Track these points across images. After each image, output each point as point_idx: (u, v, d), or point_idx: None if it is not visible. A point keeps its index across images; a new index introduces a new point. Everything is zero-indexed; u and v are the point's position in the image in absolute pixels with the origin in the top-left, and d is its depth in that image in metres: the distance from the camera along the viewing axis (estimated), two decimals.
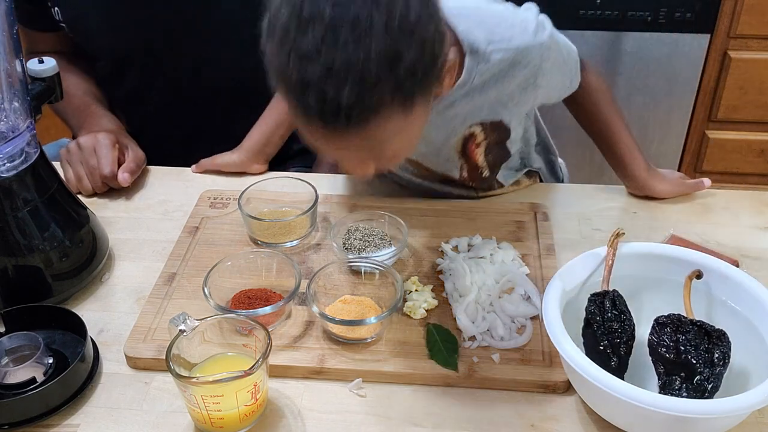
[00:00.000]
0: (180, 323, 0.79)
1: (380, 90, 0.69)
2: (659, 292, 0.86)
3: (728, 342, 0.77)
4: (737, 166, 2.20)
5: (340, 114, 0.69)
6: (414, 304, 0.92)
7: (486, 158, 1.07)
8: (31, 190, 0.92)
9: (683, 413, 0.69)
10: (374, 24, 0.67)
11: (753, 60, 2.02)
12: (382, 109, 0.71)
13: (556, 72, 0.99)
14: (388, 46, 0.68)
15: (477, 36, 0.89)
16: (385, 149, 0.78)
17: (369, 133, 0.73)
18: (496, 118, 1.00)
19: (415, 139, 0.82)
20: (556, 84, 1.04)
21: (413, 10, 0.69)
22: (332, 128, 0.72)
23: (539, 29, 0.93)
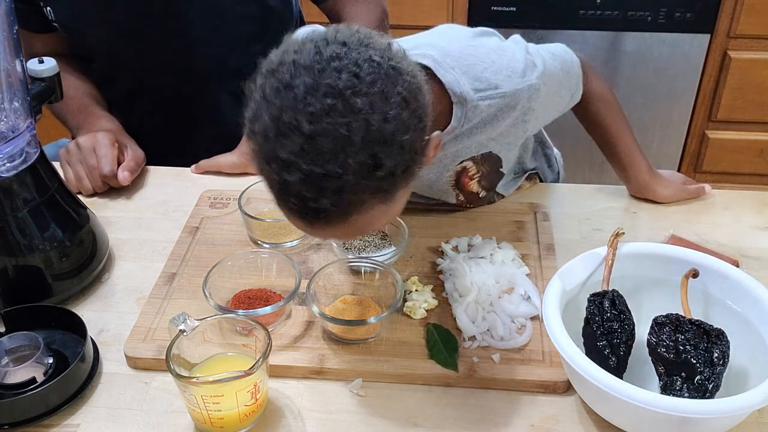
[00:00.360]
0: (180, 323, 0.79)
1: (359, 195, 0.70)
2: (659, 292, 0.86)
3: (727, 341, 0.77)
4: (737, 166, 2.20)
5: (320, 216, 0.70)
6: (414, 304, 0.92)
7: (480, 184, 1.07)
8: (31, 190, 0.92)
9: (683, 413, 0.69)
10: (352, 136, 0.66)
11: (753, 60, 2.02)
12: (360, 209, 0.71)
13: (548, 103, 0.99)
14: (366, 157, 0.67)
15: (463, 86, 0.89)
16: (368, 230, 0.79)
17: (349, 226, 0.73)
18: (485, 150, 1.00)
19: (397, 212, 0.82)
20: (551, 111, 1.04)
21: (392, 114, 0.68)
22: (311, 224, 0.73)
23: (528, 70, 0.91)
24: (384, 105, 0.68)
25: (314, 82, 0.67)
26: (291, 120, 0.67)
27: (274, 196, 0.73)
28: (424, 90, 0.74)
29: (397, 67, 0.71)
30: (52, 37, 1.31)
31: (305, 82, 0.67)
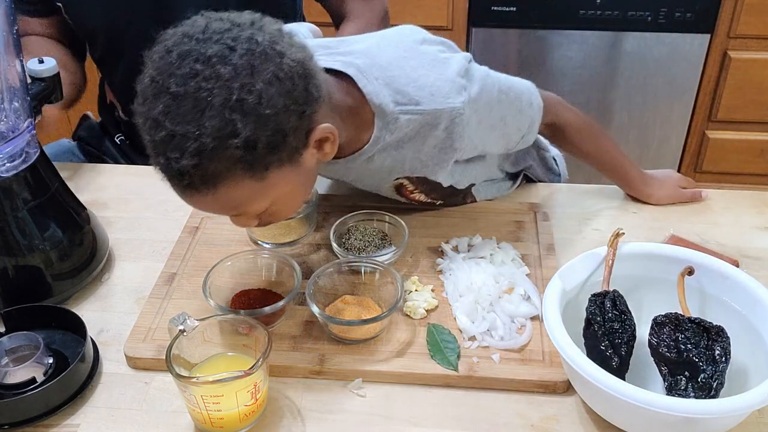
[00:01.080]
0: (180, 323, 0.79)
1: (218, 161, 0.73)
2: (659, 291, 0.86)
3: (727, 337, 0.77)
4: (737, 166, 2.20)
5: (184, 179, 0.75)
6: (414, 304, 0.92)
7: (429, 196, 1.07)
8: (31, 190, 0.92)
9: (683, 413, 0.69)
10: (212, 99, 0.71)
11: (753, 60, 2.02)
12: (226, 178, 0.75)
13: (484, 133, 0.96)
14: (222, 122, 0.72)
15: (383, 98, 0.89)
16: (250, 210, 0.81)
17: (220, 197, 0.77)
18: (419, 174, 0.99)
19: (293, 199, 0.85)
20: (491, 143, 1.01)
21: (257, 87, 0.72)
22: (182, 189, 0.77)
23: (453, 93, 0.89)
24: (250, 78, 0.72)
25: (190, 49, 0.73)
26: (163, 81, 0.73)
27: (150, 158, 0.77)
28: (312, 80, 0.78)
29: (279, 50, 0.75)
30: (47, 21, 1.31)
31: (183, 49, 0.73)
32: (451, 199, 1.10)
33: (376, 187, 1.05)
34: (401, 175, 1.00)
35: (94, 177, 1.24)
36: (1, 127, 0.90)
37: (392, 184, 1.02)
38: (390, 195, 1.07)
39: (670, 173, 1.19)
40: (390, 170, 0.99)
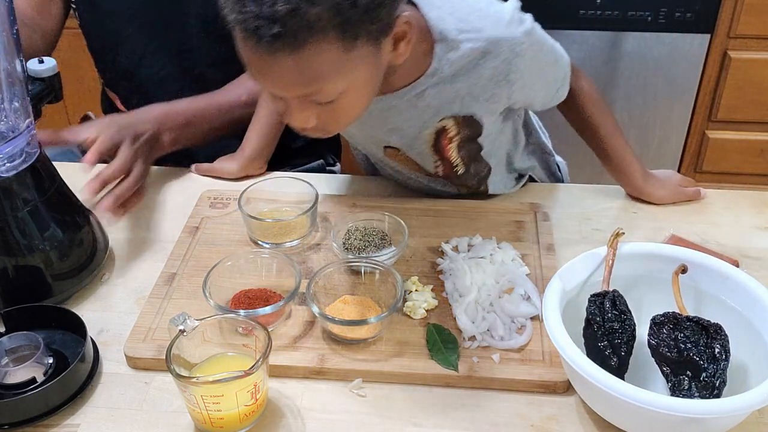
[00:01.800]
0: (180, 323, 0.79)
1: (317, 6, 0.71)
2: (659, 291, 0.86)
3: (725, 334, 0.77)
4: (737, 166, 2.20)
5: (273, 27, 0.71)
6: (414, 304, 0.92)
7: (459, 154, 1.06)
8: (31, 190, 0.91)
9: (683, 413, 0.69)
10: None
11: (753, 60, 2.02)
12: (317, 36, 0.73)
13: (534, 73, 0.98)
14: None
15: (448, 24, 0.90)
16: (326, 88, 0.79)
17: (303, 61, 0.74)
18: (467, 112, 0.99)
19: (361, 97, 0.84)
20: (537, 89, 1.03)
21: None
22: (267, 45, 0.73)
23: (513, 23, 0.92)
24: None
25: None
26: None
27: (233, 18, 0.74)
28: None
29: None
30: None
31: None
32: (475, 166, 1.09)
33: (414, 136, 1.03)
34: (449, 114, 0.99)
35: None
36: (1, 127, 0.90)
37: (434, 129, 1.01)
38: (422, 151, 1.05)
39: (671, 174, 1.19)
40: (438, 109, 0.98)
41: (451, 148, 1.04)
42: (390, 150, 1.08)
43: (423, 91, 0.95)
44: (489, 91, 0.96)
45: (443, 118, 0.99)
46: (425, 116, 0.99)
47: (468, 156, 1.07)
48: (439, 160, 1.06)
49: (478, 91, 0.96)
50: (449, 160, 1.06)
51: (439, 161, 1.07)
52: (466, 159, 1.07)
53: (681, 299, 0.82)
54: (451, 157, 1.06)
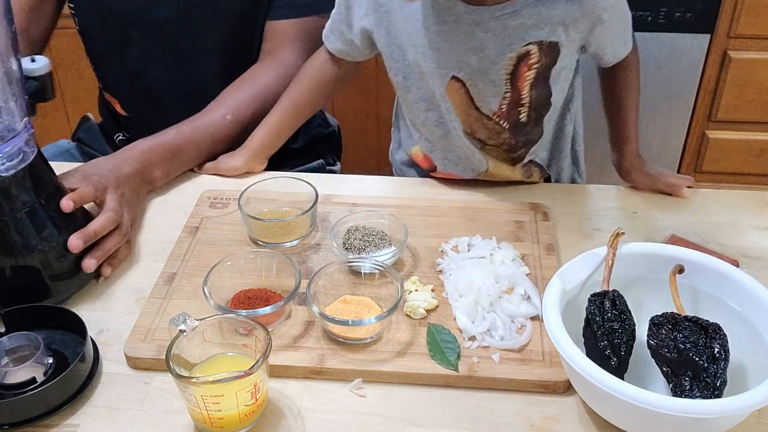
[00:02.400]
0: (180, 323, 0.79)
1: None
2: (659, 291, 0.86)
3: (724, 334, 0.77)
4: (737, 166, 2.20)
5: None
6: (414, 304, 0.92)
7: (530, 93, 1.06)
8: (28, 190, 0.91)
9: (683, 413, 0.69)
10: None
11: (753, 60, 2.02)
12: None
13: (617, 20, 1.04)
14: None
15: None
16: None
17: None
18: (554, 38, 1.01)
19: None
20: (613, 35, 1.07)
21: None
22: None
23: None
24: None
25: None
26: None
27: None
28: None
29: None
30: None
31: None
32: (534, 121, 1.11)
33: (494, 59, 1.02)
34: (536, 39, 1.00)
35: None
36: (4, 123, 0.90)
37: (518, 53, 1.01)
38: (496, 80, 1.05)
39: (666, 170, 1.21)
40: (526, 31, 0.99)
41: (528, 77, 1.04)
42: (454, 83, 1.07)
43: (518, 10, 0.96)
44: (579, 22, 1.00)
45: (530, 43, 1.01)
46: (513, 38, 1.00)
47: (537, 99, 1.08)
48: (509, 92, 1.06)
49: (569, 20, 0.99)
50: (520, 93, 1.06)
51: (508, 93, 1.06)
52: (535, 101, 1.08)
53: (679, 299, 0.82)
54: (523, 90, 1.06)
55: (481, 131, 1.12)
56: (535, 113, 1.10)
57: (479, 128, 1.12)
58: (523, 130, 1.12)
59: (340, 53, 1.18)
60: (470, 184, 1.20)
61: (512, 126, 1.11)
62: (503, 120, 1.10)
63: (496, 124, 1.10)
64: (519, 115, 1.09)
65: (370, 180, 1.23)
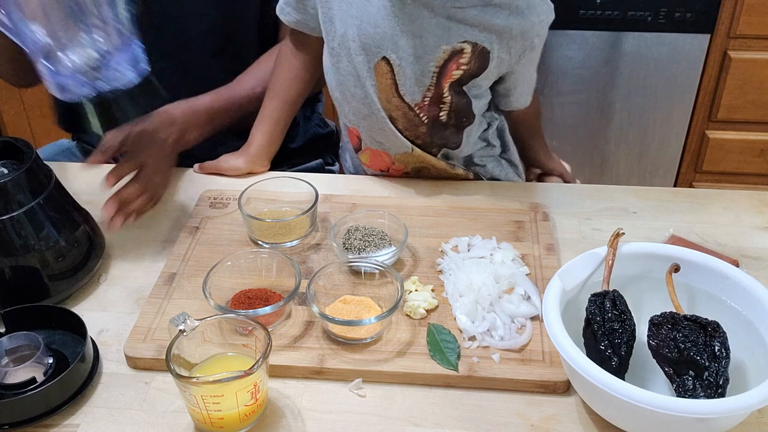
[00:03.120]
0: (180, 323, 0.79)
1: None
2: (659, 291, 0.86)
3: (723, 332, 0.77)
4: (737, 166, 2.20)
5: None
6: (414, 304, 0.92)
7: (450, 92, 1.08)
8: (25, 191, 0.91)
9: (683, 413, 0.69)
10: None
11: (753, 60, 2.02)
12: None
13: (534, 59, 1.10)
14: None
15: None
16: None
17: None
18: (487, 45, 1.03)
19: None
20: (525, 78, 1.13)
21: None
22: None
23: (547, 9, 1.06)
24: None
25: None
26: None
27: None
28: None
29: None
30: None
31: None
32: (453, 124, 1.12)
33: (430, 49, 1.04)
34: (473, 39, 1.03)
35: (94, 177, 1.23)
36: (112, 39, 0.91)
37: (452, 48, 1.03)
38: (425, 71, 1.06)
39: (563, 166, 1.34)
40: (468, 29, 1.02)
41: (454, 77, 1.06)
42: (383, 64, 1.07)
43: (465, 8, 0.99)
44: (517, 40, 1.04)
45: (466, 41, 1.02)
46: (453, 31, 1.02)
47: (457, 102, 1.09)
48: (433, 86, 1.07)
49: (507, 33, 1.02)
50: (442, 91, 1.08)
51: (432, 87, 1.07)
52: (456, 104, 1.09)
53: (676, 298, 0.82)
54: (444, 87, 1.07)
55: (400, 120, 1.12)
56: (456, 118, 1.11)
57: (399, 117, 1.12)
58: (441, 132, 1.13)
59: (297, 25, 1.15)
60: (470, 184, 1.20)
61: (431, 122, 1.11)
62: (423, 113, 1.11)
63: (416, 116, 1.11)
64: (440, 113, 1.10)
65: (370, 180, 1.23)
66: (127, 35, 0.93)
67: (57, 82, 0.92)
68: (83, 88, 0.92)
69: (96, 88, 0.92)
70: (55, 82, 0.92)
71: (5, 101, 2.23)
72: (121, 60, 0.92)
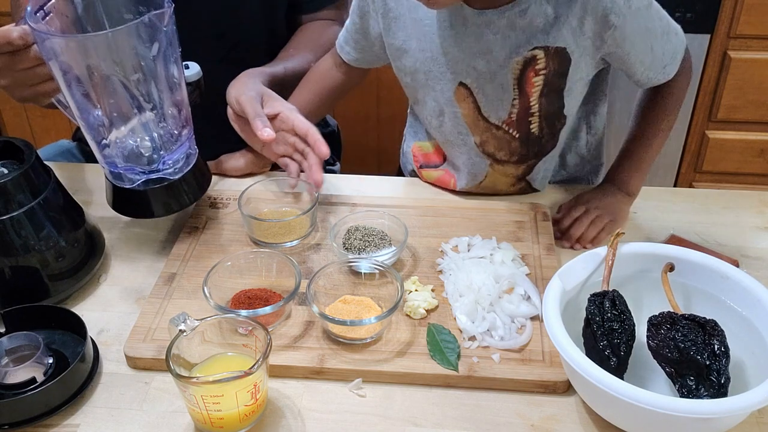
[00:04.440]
0: (180, 323, 0.79)
1: None
2: (659, 292, 0.86)
3: (721, 330, 0.77)
4: (737, 166, 2.20)
5: None
6: (414, 304, 0.92)
7: (540, 100, 1.04)
8: (25, 191, 0.91)
9: (683, 413, 0.69)
10: None
11: (753, 60, 2.02)
12: None
13: (638, 31, 0.98)
14: None
15: None
16: None
17: None
18: (561, 44, 0.98)
19: None
20: (639, 51, 1.00)
21: None
22: None
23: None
24: None
25: None
26: None
27: None
28: None
29: None
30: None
31: None
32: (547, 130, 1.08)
33: (501, 63, 1.01)
34: (542, 44, 0.98)
35: (94, 177, 1.24)
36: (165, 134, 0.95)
37: (524, 57, 1.00)
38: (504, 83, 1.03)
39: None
40: (534, 34, 0.98)
41: (536, 84, 1.02)
42: (461, 90, 1.06)
43: (526, 8, 0.96)
44: (589, 29, 0.97)
45: (535, 48, 0.99)
46: (520, 39, 0.99)
47: (548, 109, 1.05)
48: (517, 98, 1.04)
49: (576, 25, 0.96)
50: (528, 100, 1.04)
51: (516, 100, 1.04)
52: (544, 109, 1.05)
53: (673, 297, 0.82)
54: (531, 95, 1.03)
55: (491, 143, 1.10)
56: (548, 125, 1.08)
57: (489, 139, 1.09)
58: (536, 142, 1.09)
59: (357, 62, 1.18)
60: None
61: (523, 136, 1.08)
62: (513, 129, 1.07)
63: (505, 133, 1.08)
64: (530, 125, 1.07)
65: (370, 180, 1.23)
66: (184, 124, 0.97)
67: (114, 170, 0.97)
68: (139, 176, 0.96)
69: (151, 175, 0.96)
70: (112, 170, 0.97)
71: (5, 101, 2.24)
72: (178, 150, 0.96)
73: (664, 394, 0.71)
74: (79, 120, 0.95)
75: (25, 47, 0.90)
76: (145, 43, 0.87)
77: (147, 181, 0.98)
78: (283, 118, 1.09)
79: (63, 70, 0.88)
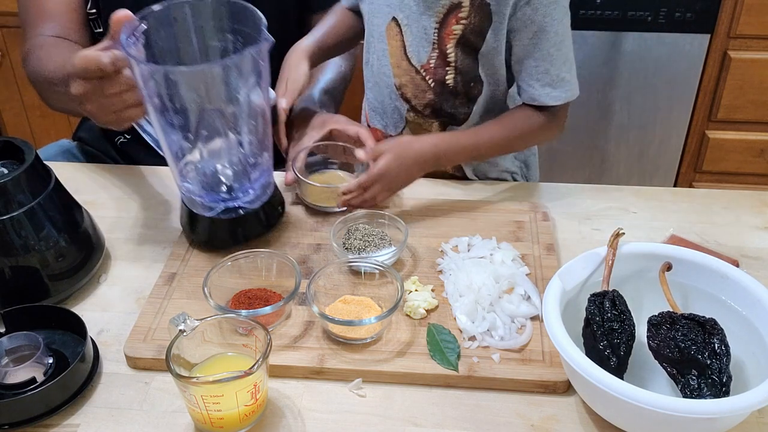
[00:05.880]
0: (180, 323, 0.79)
1: None
2: (659, 291, 0.86)
3: (721, 328, 0.77)
4: (737, 166, 2.20)
5: None
6: (414, 304, 0.92)
7: (456, 51, 1.08)
8: (25, 191, 0.91)
9: (683, 413, 0.69)
10: None
11: (753, 60, 2.02)
12: None
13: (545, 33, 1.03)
14: None
15: None
16: None
17: None
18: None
19: None
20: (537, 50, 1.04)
21: None
22: None
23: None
24: None
25: None
26: None
27: None
28: None
29: None
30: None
31: None
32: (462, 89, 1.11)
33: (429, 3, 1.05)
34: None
35: (94, 177, 1.24)
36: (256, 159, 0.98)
37: (450, 2, 1.04)
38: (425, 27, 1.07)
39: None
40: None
41: (454, 31, 1.06)
42: (393, 26, 1.11)
43: None
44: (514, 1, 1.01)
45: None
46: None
47: (463, 60, 1.09)
48: (436, 43, 1.08)
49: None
50: (445, 48, 1.08)
51: (436, 45, 1.09)
52: (460, 62, 1.09)
53: (672, 297, 0.82)
54: (448, 42, 1.08)
55: (409, 87, 1.14)
56: (463, 83, 1.11)
57: (407, 83, 1.14)
58: (449, 99, 1.13)
59: (352, 5, 1.22)
60: (470, 184, 1.20)
61: (438, 86, 1.12)
62: (429, 76, 1.12)
63: (422, 79, 1.12)
64: (446, 75, 1.11)
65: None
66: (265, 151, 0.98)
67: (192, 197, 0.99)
68: (219, 204, 0.98)
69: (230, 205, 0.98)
70: (190, 197, 0.98)
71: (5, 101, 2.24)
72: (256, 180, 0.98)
73: (664, 394, 0.71)
74: (162, 144, 0.96)
75: (116, 73, 0.88)
76: (242, 76, 0.89)
77: (226, 210, 0.99)
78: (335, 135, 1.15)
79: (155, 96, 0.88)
